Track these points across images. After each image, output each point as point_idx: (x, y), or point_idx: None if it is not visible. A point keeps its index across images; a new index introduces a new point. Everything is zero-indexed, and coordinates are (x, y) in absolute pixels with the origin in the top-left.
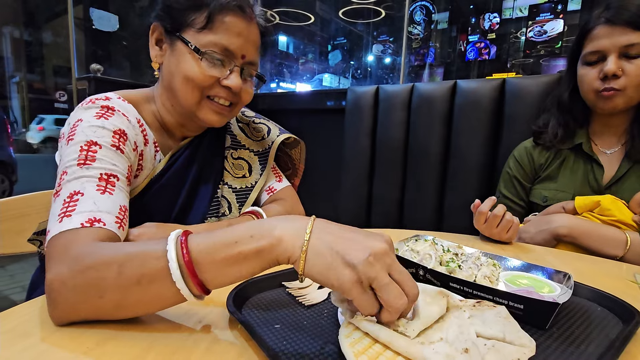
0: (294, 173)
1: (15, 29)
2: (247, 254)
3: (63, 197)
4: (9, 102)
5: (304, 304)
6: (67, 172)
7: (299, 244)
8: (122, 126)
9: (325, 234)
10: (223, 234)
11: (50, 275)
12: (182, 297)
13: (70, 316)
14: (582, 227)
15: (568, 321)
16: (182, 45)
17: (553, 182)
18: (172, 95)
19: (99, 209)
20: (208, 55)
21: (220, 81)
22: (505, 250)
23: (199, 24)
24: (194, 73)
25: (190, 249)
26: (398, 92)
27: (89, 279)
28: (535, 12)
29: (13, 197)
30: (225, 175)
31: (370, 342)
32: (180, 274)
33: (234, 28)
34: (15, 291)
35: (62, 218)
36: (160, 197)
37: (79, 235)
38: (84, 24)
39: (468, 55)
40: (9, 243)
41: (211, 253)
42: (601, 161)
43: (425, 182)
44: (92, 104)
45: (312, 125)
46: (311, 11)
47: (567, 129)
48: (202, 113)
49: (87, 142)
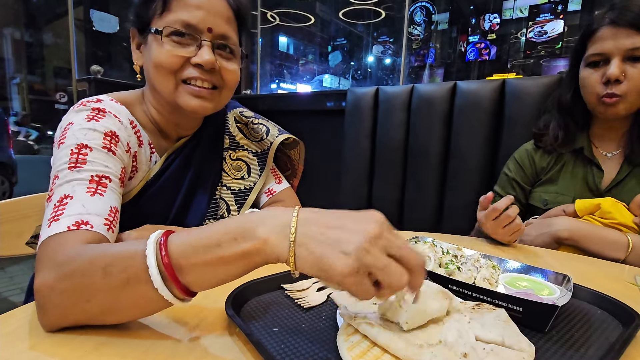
0: (293, 174)
1: (16, 30)
2: (230, 257)
3: (54, 201)
4: (9, 103)
5: (303, 306)
6: (59, 176)
7: (285, 243)
8: (114, 128)
9: (312, 226)
10: (203, 235)
11: (38, 281)
12: (167, 302)
13: (59, 321)
14: (583, 230)
15: (568, 324)
16: (151, 36)
17: (553, 185)
18: (154, 91)
19: (87, 211)
20: (169, 34)
21: (190, 60)
22: (505, 252)
23: (159, 9)
24: (160, 57)
25: (170, 252)
26: (398, 93)
27: (75, 283)
28: (535, 13)
29: (13, 199)
30: (223, 176)
31: (369, 346)
32: (161, 278)
33: (192, 1)
34: (14, 293)
35: (51, 223)
36: (157, 200)
37: (65, 238)
38: (84, 25)
39: (468, 56)
40: (8, 245)
41: (192, 255)
42: (601, 164)
43: (425, 183)
44: (83, 106)
45: (312, 127)
46: (311, 12)
47: (567, 131)
48: (181, 99)
49: (77, 145)
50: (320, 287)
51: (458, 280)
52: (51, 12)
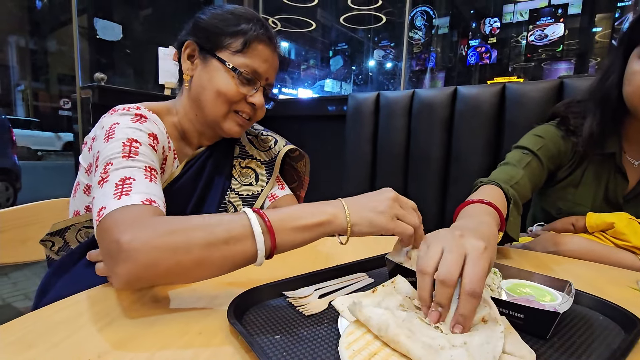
0: (300, 185)
1: (21, 38)
2: (310, 225)
3: (113, 181)
4: (14, 109)
5: (304, 313)
6: (113, 163)
7: (344, 216)
8: (155, 131)
9: (355, 205)
10: (288, 211)
11: (128, 236)
12: (255, 258)
13: (147, 274)
14: (594, 252)
15: (569, 331)
16: (218, 63)
17: (572, 191)
18: (198, 106)
19: (152, 192)
20: (241, 75)
21: (246, 98)
22: (507, 257)
23: (235, 47)
24: (228, 89)
25: (269, 217)
26: (399, 99)
27: (177, 239)
28: (535, 16)
29: (17, 207)
30: (232, 182)
31: (371, 353)
32: (262, 237)
33: (263, 55)
34: (18, 299)
35: (121, 196)
36: (173, 202)
37: (143, 209)
38: (88, 32)
39: (469, 60)
40: (13, 252)
41: (284, 222)
42: (627, 173)
43: (427, 188)
44: (126, 111)
45: (314, 132)
46: (312, 18)
47: (603, 131)
48: (227, 124)
49: (128, 139)
50: (321, 295)
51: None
52: (55, 20)
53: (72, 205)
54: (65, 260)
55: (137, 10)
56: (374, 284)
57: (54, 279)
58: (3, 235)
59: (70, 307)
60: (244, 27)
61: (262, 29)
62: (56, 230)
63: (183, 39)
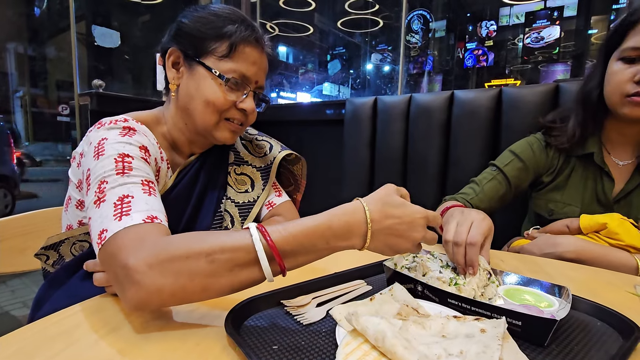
0: (297, 188)
1: (20, 45)
2: (323, 254)
3: (111, 201)
4: (12, 116)
5: (302, 322)
6: (108, 182)
7: (363, 245)
8: (145, 143)
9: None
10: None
11: (133, 261)
12: (264, 279)
13: (154, 298)
14: (589, 252)
15: (567, 337)
16: (204, 70)
17: (560, 193)
18: (187, 115)
19: (152, 208)
20: (230, 82)
21: (236, 104)
22: (504, 262)
23: (221, 52)
24: (216, 97)
25: (276, 243)
26: (396, 103)
27: (179, 267)
28: (531, 19)
29: (15, 216)
30: (228, 190)
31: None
32: (269, 265)
33: (251, 57)
34: (16, 307)
35: (121, 217)
36: (169, 212)
37: (145, 229)
38: (86, 39)
39: (466, 63)
40: (11, 261)
41: (295, 254)
42: (612, 174)
43: (425, 192)
44: (114, 124)
45: (312, 137)
46: (310, 22)
47: (584, 131)
48: (219, 133)
49: (119, 155)
50: (319, 303)
51: (457, 295)
52: (54, 27)
53: (65, 219)
54: (61, 273)
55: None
56: (372, 291)
57: (49, 291)
58: (1, 245)
59: (67, 319)
60: (229, 29)
61: (247, 30)
62: (50, 244)
63: (166, 46)
